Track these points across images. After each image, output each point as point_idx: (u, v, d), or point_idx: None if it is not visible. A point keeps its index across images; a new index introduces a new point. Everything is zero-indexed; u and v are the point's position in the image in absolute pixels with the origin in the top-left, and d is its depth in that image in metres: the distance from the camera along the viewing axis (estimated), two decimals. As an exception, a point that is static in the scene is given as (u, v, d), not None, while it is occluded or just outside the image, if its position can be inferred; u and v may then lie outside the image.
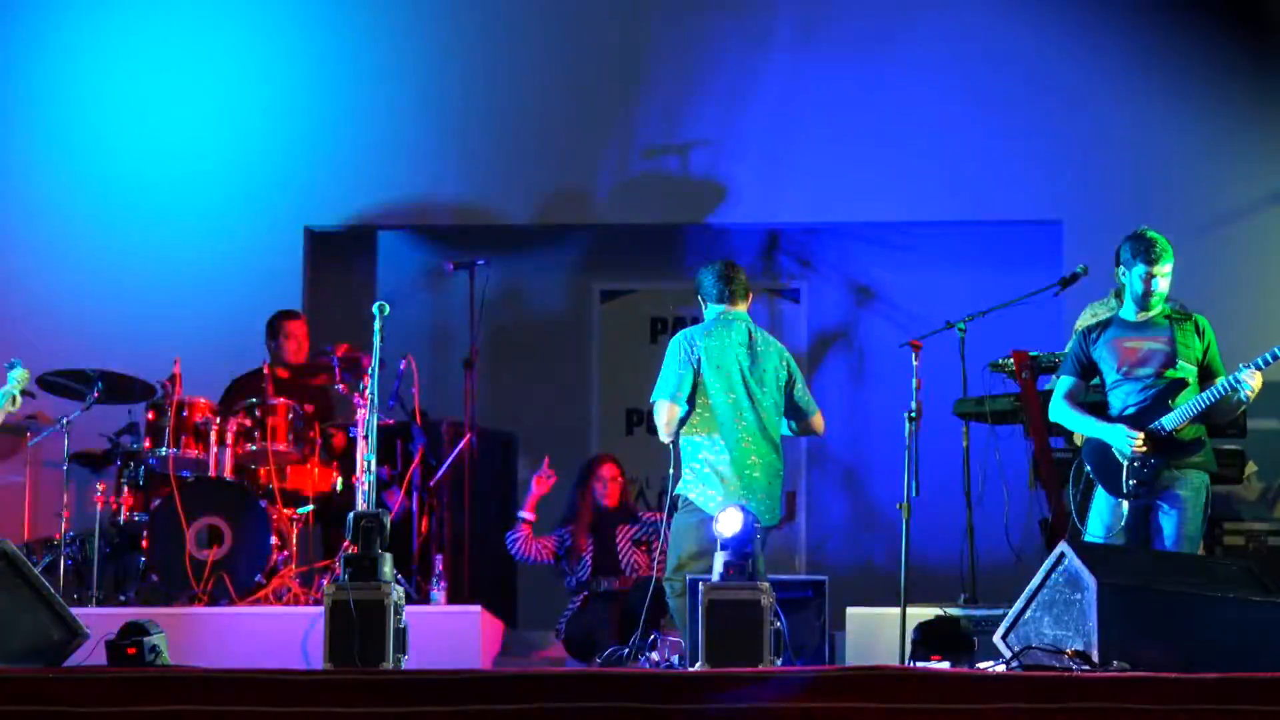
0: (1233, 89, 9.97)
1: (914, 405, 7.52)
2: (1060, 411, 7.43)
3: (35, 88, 10.31)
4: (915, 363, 7.69)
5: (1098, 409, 7.36)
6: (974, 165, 10.06)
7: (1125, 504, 7.20)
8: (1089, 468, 7.35)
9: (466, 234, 10.60)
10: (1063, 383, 7.45)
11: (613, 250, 11.03)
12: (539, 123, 10.27)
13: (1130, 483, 7.17)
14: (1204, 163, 9.94)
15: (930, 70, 10.11)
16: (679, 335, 7.61)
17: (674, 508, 7.58)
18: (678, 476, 7.55)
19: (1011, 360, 8.31)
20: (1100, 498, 7.31)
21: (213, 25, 10.34)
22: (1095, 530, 7.28)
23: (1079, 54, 10.05)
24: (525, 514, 9.03)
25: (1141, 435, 7.12)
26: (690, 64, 10.25)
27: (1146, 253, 7.27)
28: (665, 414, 7.51)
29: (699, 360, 7.50)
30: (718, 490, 7.41)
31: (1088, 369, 7.40)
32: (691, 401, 7.52)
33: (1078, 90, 10.03)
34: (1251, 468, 9.11)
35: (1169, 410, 7.15)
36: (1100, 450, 7.28)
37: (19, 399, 7.97)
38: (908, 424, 7.48)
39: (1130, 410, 7.23)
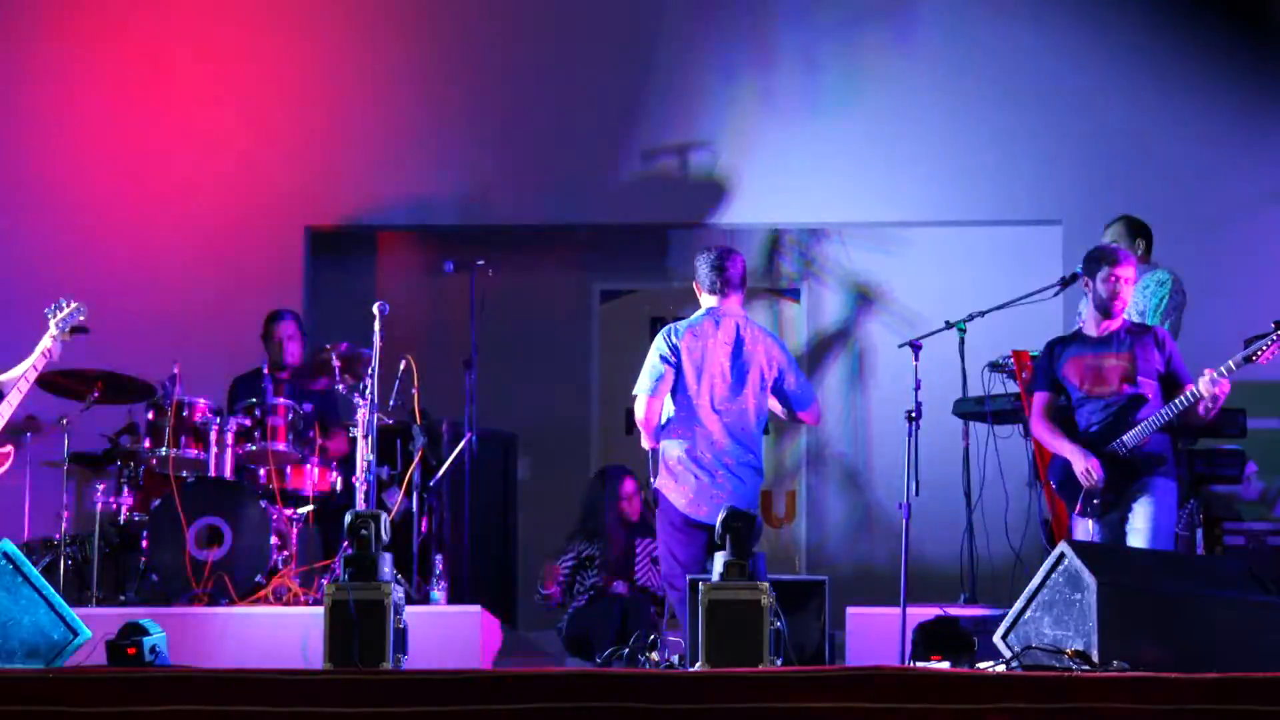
0: (1232, 88, 9.98)
1: (914, 405, 7.52)
2: (1039, 429, 7.49)
3: (36, 88, 10.31)
4: (915, 363, 7.70)
5: (1066, 424, 7.40)
6: (974, 165, 10.07)
7: (1090, 521, 7.26)
8: (1054, 484, 7.41)
9: (466, 234, 10.61)
10: (1038, 398, 7.51)
11: (613, 250, 11.03)
12: (539, 123, 10.28)
13: (1093, 501, 7.22)
14: (1203, 162, 9.95)
15: (930, 70, 10.12)
16: (663, 331, 7.59)
17: (655, 504, 7.61)
18: (654, 473, 7.58)
19: (1011, 360, 8.32)
20: (1077, 517, 7.37)
21: (213, 25, 10.35)
22: None
23: (1079, 54, 10.05)
24: (549, 591, 9.01)
25: (1097, 469, 7.16)
26: (691, 64, 10.25)
27: (1110, 255, 7.36)
28: (642, 409, 7.51)
29: (679, 359, 7.49)
30: (690, 487, 7.42)
31: (1057, 383, 7.45)
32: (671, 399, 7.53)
33: (1077, 90, 10.04)
34: (1252, 468, 9.11)
35: (1130, 428, 7.19)
36: (1064, 468, 7.33)
37: (54, 343, 7.89)
38: (908, 424, 7.48)
39: (1094, 429, 7.30)
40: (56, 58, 10.32)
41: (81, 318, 7.88)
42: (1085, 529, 7.32)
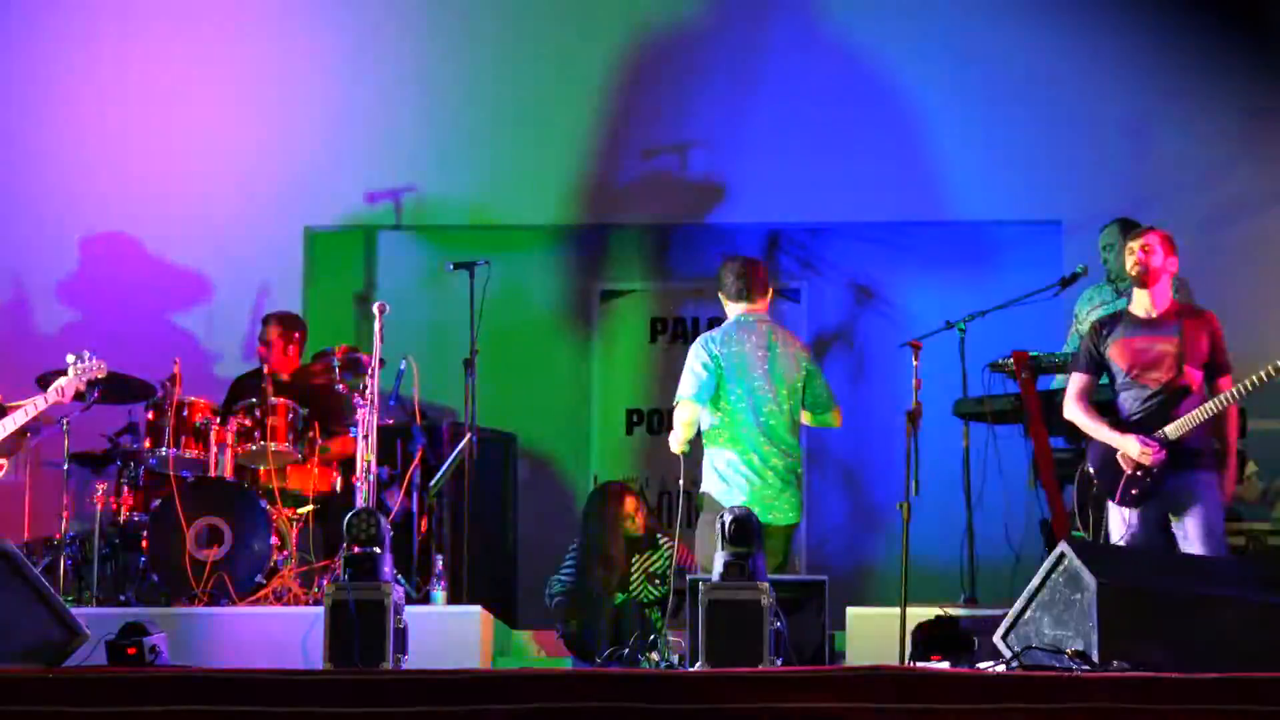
0: (1232, 88, 9.97)
1: (914, 405, 7.52)
2: (1074, 412, 7.38)
3: (35, 88, 10.31)
4: (915, 363, 7.69)
5: (1108, 409, 7.33)
6: (974, 165, 10.06)
7: (1128, 510, 7.17)
8: (1092, 471, 7.32)
9: (466, 234, 10.60)
10: (1075, 380, 7.40)
11: (613, 250, 11.03)
12: (539, 122, 10.28)
13: (1132, 491, 7.14)
14: (1204, 162, 9.94)
15: (930, 70, 10.11)
16: (699, 340, 7.74)
17: (697, 510, 7.66)
18: (689, 482, 7.61)
19: (1011, 360, 8.31)
20: (1113, 505, 7.27)
21: (212, 25, 10.34)
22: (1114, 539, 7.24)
23: (1078, 54, 10.05)
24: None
25: (1155, 447, 7.07)
26: (690, 64, 10.25)
27: (1130, 230, 7.45)
28: (687, 413, 7.60)
29: (718, 366, 7.56)
30: (741, 491, 7.51)
31: (1100, 365, 7.35)
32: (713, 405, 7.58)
33: (1077, 90, 10.03)
34: (1252, 468, 9.10)
35: (1173, 418, 7.12)
36: (1105, 455, 7.24)
37: (67, 390, 8.02)
38: (908, 424, 7.48)
39: (1136, 416, 7.19)
40: (56, 56, 10.32)
41: (101, 374, 8.06)
42: (1121, 518, 7.22)
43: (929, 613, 7.42)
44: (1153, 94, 10.01)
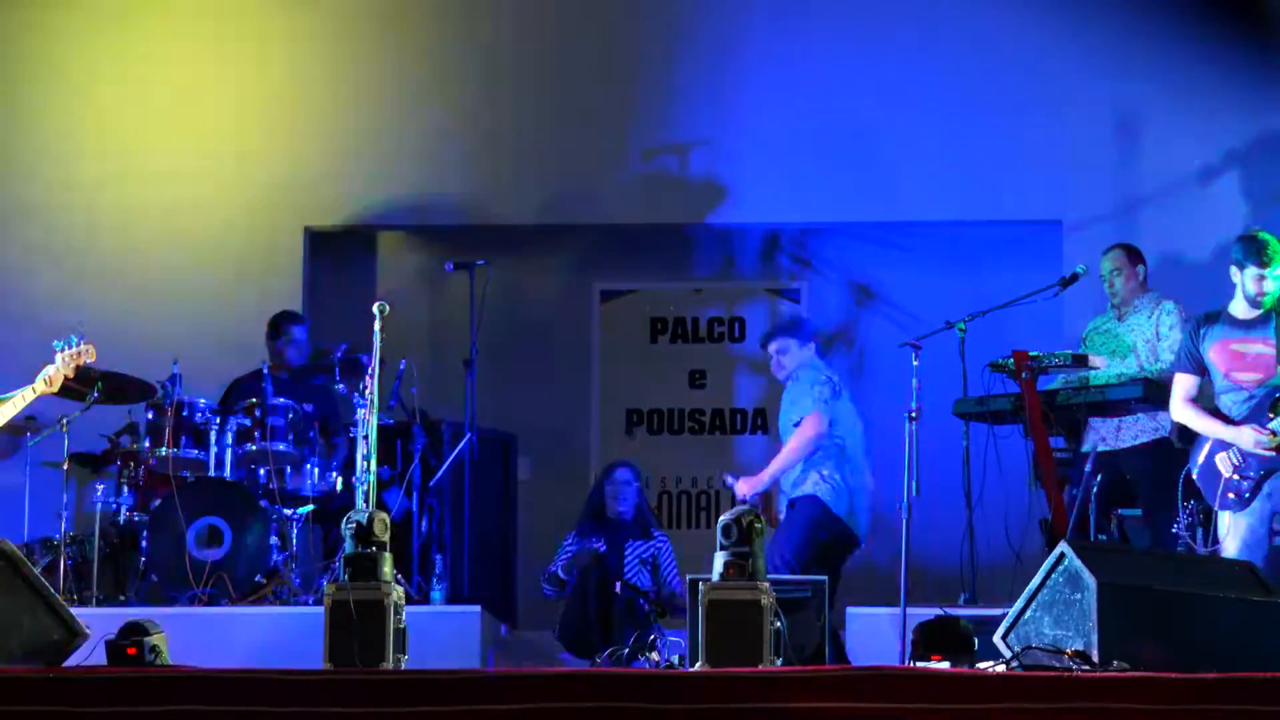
0: (1233, 87, 9.97)
1: (914, 405, 7.53)
2: (1182, 413, 7.33)
3: (35, 88, 10.31)
4: (915, 363, 7.69)
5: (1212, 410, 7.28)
6: (974, 165, 10.06)
7: (1230, 513, 7.14)
8: (1194, 473, 7.29)
9: (466, 234, 10.60)
10: (1180, 381, 7.36)
11: (613, 250, 11.03)
12: (539, 123, 10.28)
13: (1228, 495, 7.12)
14: (1204, 163, 9.94)
15: (930, 70, 10.11)
16: (824, 377, 8.66)
17: (790, 508, 8.37)
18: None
19: (1011, 360, 8.31)
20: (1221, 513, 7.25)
21: (213, 25, 10.34)
22: (1228, 547, 7.22)
23: (1078, 53, 10.05)
24: (560, 572, 8.94)
25: (1270, 434, 7.02)
26: (690, 64, 10.25)
27: (1259, 255, 7.21)
28: (821, 419, 8.48)
29: (839, 385, 8.55)
30: (841, 496, 8.37)
31: (1201, 364, 7.30)
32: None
33: (1077, 90, 10.03)
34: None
35: (1271, 418, 7.06)
36: (1205, 462, 7.22)
37: (55, 378, 7.85)
38: (908, 424, 7.48)
39: (1236, 418, 7.15)
40: (56, 55, 10.31)
41: (90, 358, 7.86)
42: (1224, 522, 7.19)
43: (929, 613, 7.42)
44: (1153, 93, 10.00)
